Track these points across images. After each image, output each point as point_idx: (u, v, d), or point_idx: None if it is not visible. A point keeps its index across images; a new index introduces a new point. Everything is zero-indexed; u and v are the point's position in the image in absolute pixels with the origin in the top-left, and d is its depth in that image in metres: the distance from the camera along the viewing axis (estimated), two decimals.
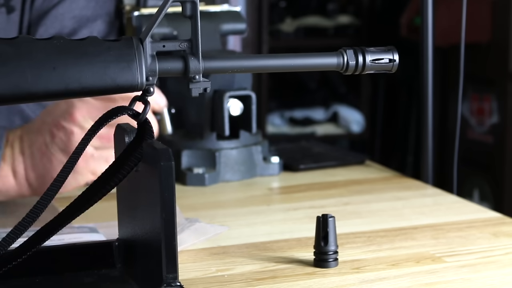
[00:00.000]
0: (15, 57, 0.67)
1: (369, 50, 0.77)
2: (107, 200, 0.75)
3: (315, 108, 3.64)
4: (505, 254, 0.91)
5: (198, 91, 0.73)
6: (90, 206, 0.72)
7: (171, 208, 0.69)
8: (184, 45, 0.72)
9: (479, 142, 2.94)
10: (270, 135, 3.47)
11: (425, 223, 1.03)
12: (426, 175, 1.29)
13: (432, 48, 1.28)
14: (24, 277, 0.78)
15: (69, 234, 0.96)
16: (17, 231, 0.73)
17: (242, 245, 0.95)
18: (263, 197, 1.20)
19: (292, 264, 0.88)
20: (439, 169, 2.52)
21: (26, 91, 0.67)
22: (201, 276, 0.85)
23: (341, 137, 3.71)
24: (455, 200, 1.15)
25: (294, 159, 1.37)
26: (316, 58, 0.77)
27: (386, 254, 0.91)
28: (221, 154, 1.26)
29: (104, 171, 0.73)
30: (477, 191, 2.95)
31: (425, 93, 1.29)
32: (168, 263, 0.70)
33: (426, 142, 1.30)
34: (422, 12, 1.28)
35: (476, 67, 2.84)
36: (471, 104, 2.96)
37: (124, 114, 0.73)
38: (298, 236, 0.98)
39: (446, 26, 2.67)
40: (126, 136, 0.76)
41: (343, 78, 3.63)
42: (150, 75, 0.71)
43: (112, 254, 0.81)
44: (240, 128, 1.28)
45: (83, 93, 0.70)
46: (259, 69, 0.76)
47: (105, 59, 0.69)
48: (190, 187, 1.24)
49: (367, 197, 1.18)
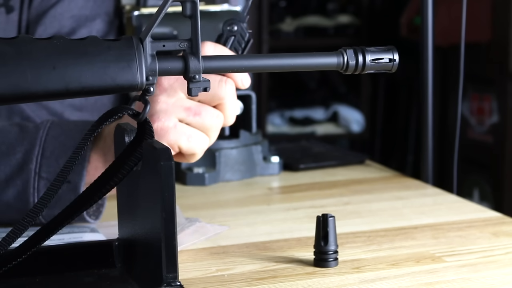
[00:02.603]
0: (15, 57, 0.67)
1: (369, 49, 0.77)
2: (107, 200, 0.75)
3: (315, 108, 3.64)
4: (505, 254, 0.91)
5: (198, 90, 0.73)
6: (90, 206, 0.72)
7: (171, 208, 0.69)
8: (184, 44, 0.72)
9: (479, 141, 2.94)
10: (270, 134, 3.47)
11: (425, 223, 1.03)
12: (426, 175, 1.29)
13: (432, 48, 1.28)
14: (24, 277, 0.78)
15: (69, 234, 0.96)
16: (17, 231, 0.73)
17: (242, 244, 0.95)
18: (263, 197, 1.20)
19: (292, 263, 0.88)
20: (439, 169, 2.52)
21: (26, 91, 0.67)
22: (201, 275, 0.85)
23: (341, 137, 3.71)
24: (455, 200, 1.15)
25: (294, 159, 1.37)
26: (316, 58, 0.77)
27: (386, 254, 0.91)
28: (221, 154, 1.26)
29: (104, 171, 0.73)
30: (477, 191, 2.95)
31: (425, 93, 1.29)
32: (168, 263, 0.70)
33: (426, 142, 1.30)
34: (422, 12, 1.28)
35: (476, 67, 2.84)
36: (471, 104, 2.96)
37: (124, 114, 0.73)
38: (298, 235, 0.98)
39: (446, 26, 2.67)
40: (126, 136, 0.76)
41: (343, 78, 3.63)
42: (150, 74, 0.71)
43: (112, 254, 0.81)
44: (240, 128, 1.28)
45: (83, 93, 0.70)
46: (259, 69, 0.76)
47: (105, 58, 0.69)
48: (190, 187, 1.24)
49: (367, 196, 1.18)
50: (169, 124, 0.90)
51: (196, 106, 0.90)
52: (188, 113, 0.90)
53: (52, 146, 0.98)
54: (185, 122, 0.92)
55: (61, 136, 0.99)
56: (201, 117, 0.90)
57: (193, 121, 0.91)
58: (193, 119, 0.90)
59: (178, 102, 0.89)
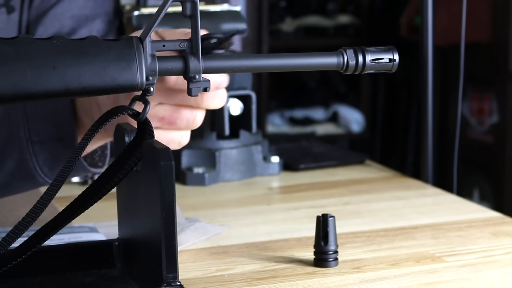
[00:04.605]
0: (16, 56, 0.67)
1: (369, 49, 0.77)
2: (107, 200, 0.75)
3: (315, 108, 3.64)
4: (505, 254, 0.91)
5: (198, 90, 0.73)
6: (90, 206, 0.72)
7: (171, 208, 0.69)
8: (184, 44, 0.72)
9: (479, 142, 2.93)
10: (270, 134, 3.47)
11: (425, 223, 1.03)
12: (426, 175, 1.29)
13: (432, 48, 1.28)
14: (24, 276, 0.78)
15: (69, 234, 0.96)
16: (17, 231, 0.73)
17: (242, 244, 0.95)
18: (263, 197, 1.20)
19: (292, 263, 0.88)
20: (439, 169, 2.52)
21: (26, 90, 0.67)
22: (201, 275, 0.85)
23: (341, 137, 3.71)
24: (455, 200, 1.15)
25: (294, 159, 1.37)
26: (316, 58, 0.77)
27: (386, 254, 0.91)
28: (221, 154, 1.26)
29: (104, 171, 0.73)
30: (477, 191, 2.95)
31: (425, 93, 1.29)
32: (168, 263, 0.70)
33: (426, 142, 1.30)
34: (422, 11, 1.28)
35: (476, 67, 2.84)
36: (471, 104, 2.96)
37: (124, 114, 0.73)
38: (298, 235, 0.98)
39: (446, 26, 2.67)
40: (126, 136, 0.76)
41: (343, 78, 3.63)
42: (150, 74, 0.71)
43: (112, 254, 0.81)
44: (240, 128, 1.28)
45: (83, 93, 0.70)
46: (259, 69, 0.76)
47: (105, 58, 0.69)
48: (190, 187, 1.24)
49: (367, 196, 1.18)
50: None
51: (169, 115, 0.88)
52: (163, 123, 0.89)
53: (33, 107, 0.96)
54: (160, 130, 0.91)
55: None
56: (176, 125, 0.89)
57: (168, 129, 0.90)
58: (168, 127, 0.90)
59: (152, 112, 0.87)
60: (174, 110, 0.84)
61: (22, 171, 0.97)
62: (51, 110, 0.96)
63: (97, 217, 1.02)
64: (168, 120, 0.88)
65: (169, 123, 0.88)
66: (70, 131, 0.94)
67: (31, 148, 0.97)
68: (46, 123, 0.96)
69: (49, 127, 0.94)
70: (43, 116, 0.96)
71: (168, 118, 0.88)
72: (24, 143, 0.97)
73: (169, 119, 0.88)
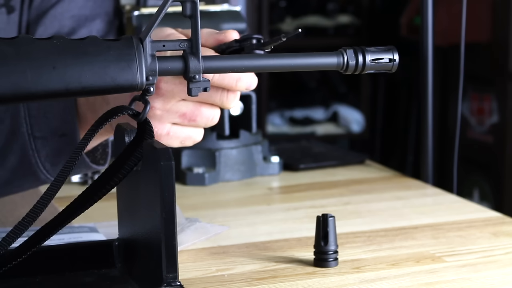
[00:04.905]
0: (16, 56, 0.67)
1: (369, 49, 0.77)
2: (107, 200, 0.75)
3: (315, 108, 3.64)
4: (505, 254, 0.91)
5: (198, 90, 0.73)
6: (90, 206, 0.72)
7: (171, 208, 0.69)
8: (184, 44, 0.72)
9: (479, 142, 2.93)
10: (270, 134, 3.47)
11: (425, 223, 1.03)
12: (426, 175, 1.29)
13: (432, 48, 1.28)
14: (24, 276, 0.78)
15: (69, 234, 0.96)
16: (17, 231, 0.73)
17: (242, 244, 0.95)
18: (263, 197, 1.20)
19: (292, 263, 0.88)
20: (439, 169, 2.52)
21: (26, 90, 0.67)
22: (201, 275, 0.85)
23: (341, 137, 3.71)
24: (455, 200, 1.15)
25: (294, 159, 1.37)
26: (316, 58, 0.77)
27: (386, 254, 0.91)
28: (221, 154, 1.26)
29: (104, 171, 0.73)
30: (477, 191, 2.95)
31: (425, 93, 1.29)
32: (168, 263, 0.70)
33: (426, 142, 1.30)
34: (422, 11, 1.28)
35: (476, 67, 2.84)
36: (471, 104, 2.96)
37: (124, 114, 0.73)
38: (298, 235, 0.98)
39: (446, 26, 2.67)
40: (126, 136, 0.76)
41: (343, 78, 3.63)
42: (150, 74, 0.71)
43: (112, 254, 0.81)
44: (240, 128, 1.28)
45: (83, 93, 0.70)
46: (259, 69, 0.76)
47: (105, 58, 0.69)
48: (190, 187, 1.24)
49: (367, 196, 1.18)
50: (162, 132, 0.90)
51: (191, 112, 0.90)
52: (183, 119, 0.90)
53: (35, 103, 0.96)
54: (179, 126, 0.92)
55: None
56: (196, 122, 0.89)
57: (187, 126, 0.91)
58: (187, 124, 0.91)
59: (174, 108, 0.88)
60: (196, 107, 0.85)
61: (24, 167, 0.97)
62: (53, 105, 0.96)
63: (97, 217, 1.02)
64: (189, 117, 0.89)
65: (190, 119, 0.89)
66: (72, 127, 0.94)
67: (33, 143, 0.97)
68: (48, 119, 0.96)
69: (51, 123, 0.94)
70: (45, 112, 0.97)
71: (189, 115, 0.89)
72: (26, 138, 0.97)
73: (190, 115, 0.89)
